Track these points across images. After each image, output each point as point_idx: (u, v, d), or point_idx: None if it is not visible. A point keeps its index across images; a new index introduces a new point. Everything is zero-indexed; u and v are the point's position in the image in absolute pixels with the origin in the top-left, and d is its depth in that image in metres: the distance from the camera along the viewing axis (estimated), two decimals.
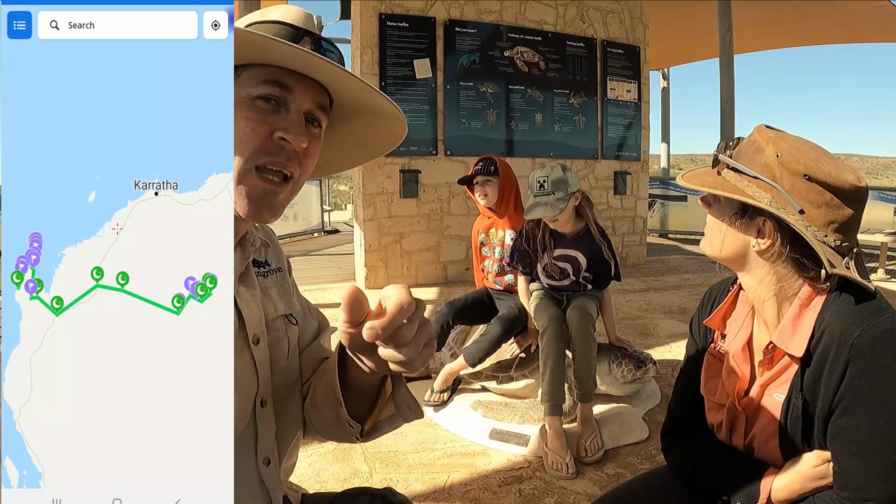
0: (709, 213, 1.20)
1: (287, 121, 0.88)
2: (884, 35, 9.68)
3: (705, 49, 10.11)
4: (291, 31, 0.90)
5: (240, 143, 0.86)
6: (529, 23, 6.67)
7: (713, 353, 1.31)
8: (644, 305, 5.31)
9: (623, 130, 7.40)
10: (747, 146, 1.15)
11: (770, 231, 1.11)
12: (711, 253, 1.21)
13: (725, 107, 7.54)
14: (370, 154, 1.12)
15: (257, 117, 0.87)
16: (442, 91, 6.23)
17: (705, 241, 1.23)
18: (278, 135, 0.87)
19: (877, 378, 1.00)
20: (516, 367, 3.09)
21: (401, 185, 6.11)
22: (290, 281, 1.16)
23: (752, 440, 1.20)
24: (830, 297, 1.08)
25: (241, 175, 0.87)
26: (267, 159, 0.88)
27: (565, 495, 2.30)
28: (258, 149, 0.87)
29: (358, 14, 5.91)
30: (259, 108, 0.87)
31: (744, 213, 1.13)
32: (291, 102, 0.89)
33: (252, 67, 0.88)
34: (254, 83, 0.88)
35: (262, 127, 0.87)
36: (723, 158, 1.16)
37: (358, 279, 6.31)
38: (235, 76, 0.88)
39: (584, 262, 2.87)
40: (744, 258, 1.15)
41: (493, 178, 3.25)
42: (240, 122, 0.86)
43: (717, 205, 1.18)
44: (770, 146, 1.10)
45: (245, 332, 0.97)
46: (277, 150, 0.88)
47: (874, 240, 7.00)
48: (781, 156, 1.08)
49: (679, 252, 8.72)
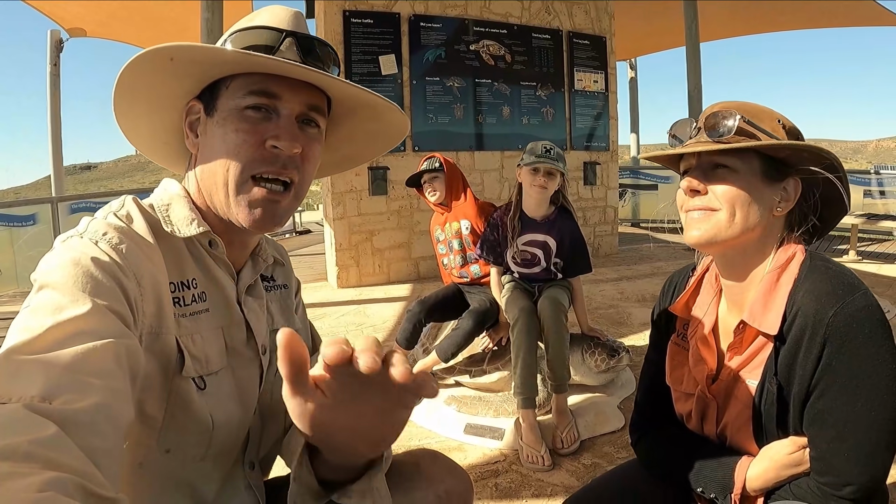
0: (720, 187, 1.07)
1: (278, 128, 0.89)
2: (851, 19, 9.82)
3: (672, 39, 10.19)
4: (274, 34, 0.92)
5: (233, 154, 0.89)
6: (494, 16, 6.65)
7: (676, 341, 1.28)
8: (617, 295, 5.32)
9: (591, 121, 7.42)
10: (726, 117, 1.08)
11: (794, 189, 1.09)
12: (727, 233, 1.07)
13: (693, 94, 7.59)
14: (385, 144, 1.13)
15: (248, 127, 0.89)
16: (408, 87, 6.19)
17: (713, 222, 1.08)
18: (270, 143, 0.89)
19: (855, 358, 0.96)
20: (489, 361, 3.06)
21: (370, 182, 6.06)
22: (294, 301, 1.19)
23: (725, 428, 1.17)
24: (801, 276, 1.05)
25: (239, 186, 0.90)
26: (262, 168, 0.89)
27: (542, 487, 2.27)
28: (252, 158, 0.88)
29: (322, 12, 5.84)
30: (249, 118, 0.89)
31: (776, 173, 1.08)
32: (282, 108, 0.90)
33: (238, 77, 0.90)
34: (240, 94, 0.90)
35: (253, 137, 0.88)
36: (739, 122, 1.05)
37: (329, 279, 6.26)
38: (223, 87, 0.91)
39: (554, 246, 2.86)
40: (758, 228, 1.08)
41: (440, 174, 3.31)
42: (230, 134, 0.89)
43: (734, 175, 1.07)
44: (765, 113, 1.10)
45: (254, 343, 1.00)
46: (272, 159, 0.89)
47: (845, 222, 7.05)
48: (782, 120, 1.10)
49: (651, 241, 8.77)
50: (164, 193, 0.97)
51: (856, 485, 0.97)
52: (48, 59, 8.27)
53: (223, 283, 0.96)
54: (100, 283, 0.74)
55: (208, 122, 0.92)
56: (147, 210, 0.92)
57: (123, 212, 0.89)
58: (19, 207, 7.05)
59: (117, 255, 0.79)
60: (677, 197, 1.16)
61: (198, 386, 0.88)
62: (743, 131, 1.07)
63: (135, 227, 0.87)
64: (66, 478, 0.48)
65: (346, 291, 5.87)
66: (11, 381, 0.58)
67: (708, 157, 1.09)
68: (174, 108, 0.97)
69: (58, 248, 0.79)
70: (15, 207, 7.02)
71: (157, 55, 0.83)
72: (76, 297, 0.70)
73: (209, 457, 0.92)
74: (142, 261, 0.82)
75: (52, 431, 0.53)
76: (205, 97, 0.93)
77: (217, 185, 0.91)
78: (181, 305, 0.89)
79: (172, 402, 0.86)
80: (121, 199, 0.92)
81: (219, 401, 0.91)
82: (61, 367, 0.61)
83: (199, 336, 0.90)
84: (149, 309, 0.82)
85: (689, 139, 1.14)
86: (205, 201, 0.95)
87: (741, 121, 1.06)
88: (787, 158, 1.08)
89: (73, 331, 0.66)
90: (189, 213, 0.93)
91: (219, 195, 0.91)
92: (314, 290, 5.94)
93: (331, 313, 4.99)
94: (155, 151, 1.07)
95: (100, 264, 0.76)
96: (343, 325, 4.59)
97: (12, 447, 0.49)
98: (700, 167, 1.11)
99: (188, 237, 0.92)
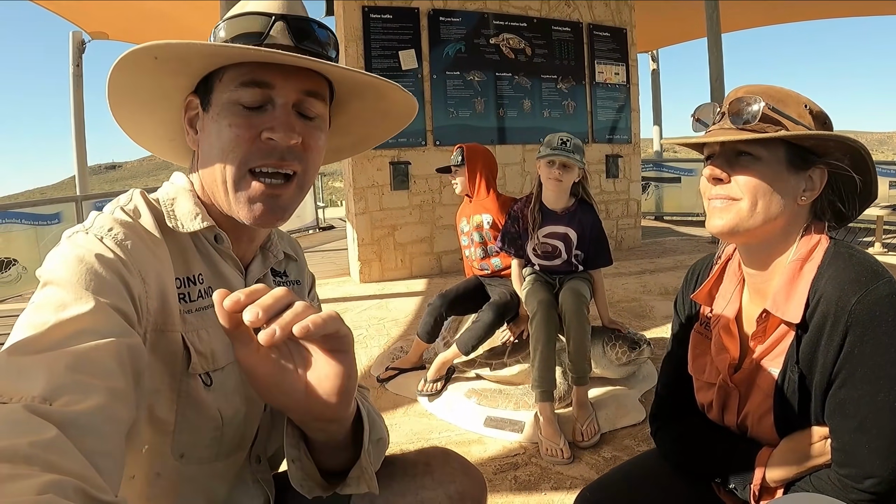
0: (743, 177, 1.06)
1: (273, 119, 0.86)
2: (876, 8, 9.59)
3: (694, 29, 10.04)
4: (264, 19, 0.88)
5: (229, 150, 0.86)
6: (514, 9, 6.60)
7: (699, 330, 1.26)
8: (640, 288, 5.27)
9: (613, 114, 7.35)
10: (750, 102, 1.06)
11: (820, 178, 1.07)
12: (749, 223, 1.06)
13: (715, 86, 7.47)
14: (397, 123, 1.10)
15: (241, 121, 0.86)
16: (428, 81, 6.17)
17: (734, 211, 1.07)
18: (266, 135, 0.86)
19: (878, 346, 0.94)
20: (509, 354, 3.06)
21: (391, 177, 6.06)
22: (308, 297, 1.17)
23: (746, 418, 1.15)
24: (824, 263, 1.03)
25: (237, 182, 0.87)
26: (259, 162, 0.86)
27: (562, 480, 2.27)
28: (248, 153, 0.86)
29: (341, 8, 5.84)
30: (242, 112, 0.86)
31: (801, 162, 1.06)
32: (276, 98, 0.87)
33: (230, 69, 0.87)
34: (232, 86, 0.87)
35: (248, 131, 0.86)
36: (764, 109, 1.04)
37: (352, 273, 6.28)
38: (217, 80, 0.88)
39: (574, 238, 2.85)
40: (781, 217, 1.06)
41: (461, 167, 3.37)
42: (224, 129, 0.86)
43: (758, 164, 1.05)
44: (791, 97, 1.08)
45: None
46: (268, 151, 0.86)
47: (870, 214, 6.89)
48: (809, 105, 1.07)
49: (674, 234, 8.68)
50: (171, 187, 0.95)
51: (877, 477, 0.95)
52: (70, 61, 8.38)
53: (230, 278, 0.95)
54: (103, 281, 0.73)
55: (205, 118, 0.91)
56: (154, 204, 0.91)
57: (131, 206, 0.88)
58: (44, 206, 7.15)
59: (122, 251, 0.78)
60: (700, 184, 1.15)
61: (204, 382, 0.88)
62: (768, 118, 1.05)
63: (142, 222, 0.86)
64: (65, 481, 0.48)
65: (369, 286, 5.88)
66: (13, 380, 0.58)
67: (731, 145, 1.07)
68: (173, 105, 0.96)
69: (63, 244, 0.79)
70: (40, 206, 7.11)
71: (139, 55, 0.81)
72: (79, 294, 0.70)
73: (221, 455, 0.92)
74: (147, 257, 0.82)
75: (52, 434, 0.53)
76: (200, 91, 0.92)
77: (216, 182, 0.89)
78: (187, 301, 0.88)
79: (183, 402, 0.86)
80: (129, 192, 0.92)
81: (225, 396, 0.91)
82: (63, 367, 0.61)
83: (206, 332, 0.89)
84: (153, 306, 0.81)
85: (712, 124, 1.13)
86: (209, 196, 0.94)
87: (766, 107, 1.04)
88: (813, 147, 1.06)
89: (76, 329, 0.66)
90: (193, 208, 0.92)
91: (219, 193, 0.90)
92: (337, 286, 5.98)
93: (353, 308, 5.01)
94: (162, 149, 1.07)
95: (104, 261, 0.75)
96: (365, 320, 4.61)
97: (12, 449, 0.49)
98: (723, 154, 1.09)
99: (194, 232, 0.91)
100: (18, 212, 6.79)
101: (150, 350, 0.80)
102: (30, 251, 6.64)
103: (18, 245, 6.63)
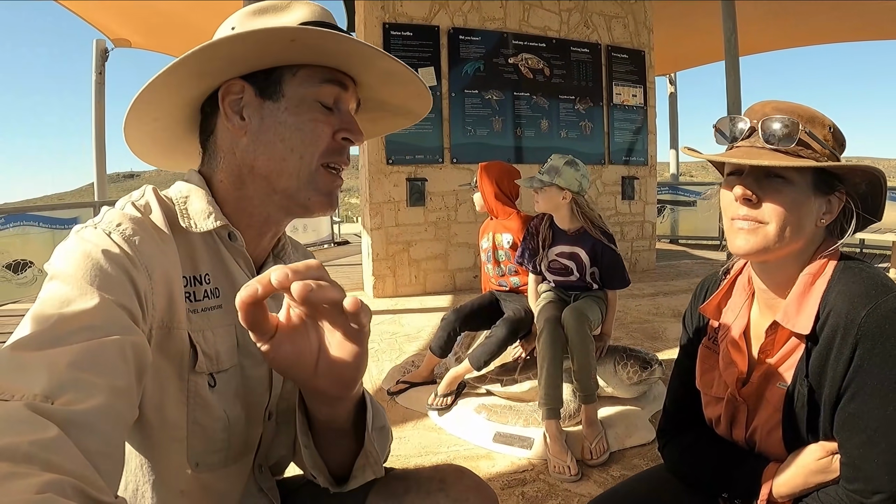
0: (773, 202, 1.04)
1: (348, 122, 0.94)
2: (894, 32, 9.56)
3: (712, 53, 10.05)
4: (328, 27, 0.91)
5: (309, 142, 0.91)
6: (533, 29, 6.66)
7: (707, 345, 1.26)
8: (653, 310, 5.25)
9: (630, 135, 7.35)
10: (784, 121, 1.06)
11: (838, 201, 1.08)
12: (775, 246, 1.05)
13: (732, 109, 7.48)
14: (414, 113, 1.20)
15: (323, 118, 0.92)
16: (447, 99, 6.22)
17: (761, 235, 1.05)
18: (342, 135, 0.92)
19: (887, 360, 0.94)
20: (520, 370, 3.05)
21: (408, 193, 6.10)
22: None
23: (754, 433, 1.15)
24: (834, 277, 1.03)
25: (313, 173, 0.92)
26: (332, 158, 0.93)
27: (569, 498, 2.25)
28: (326, 149, 0.92)
29: (362, 24, 5.93)
30: (322, 110, 0.92)
31: (825, 187, 1.06)
32: (342, 102, 0.94)
33: (302, 67, 0.92)
34: (315, 82, 0.92)
35: (327, 128, 0.92)
36: (799, 134, 1.04)
37: (366, 288, 6.30)
38: (291, 75, 0.91)
39: (586, 258, 2.85)
40: (802, 239, 1.06)
41: (477, 188, 3.41)
42: (307, 122, 0.91)
43: (788, 187, 1.04)
44: (817, 119, 1.08)
45: None
46: (340, 150, 0.94)
47: (886, 239, 6.84)
48: (832, 128, 1.08)
49: (689, 257, 8.64)
50: (184, 185, 0.95)
51: (886, 492, 0.94)
52: (93, 68, 8.50)
53: (239, 279, 0.94)
54: (109, 277, 0.73)
55: (270, 107, 0.91)
56: (166, 201, 0.91)
57: (142, 201, 0.88)
58: (61, 210, 7.28)
59: (129, 246, 0.78)
60: (722, 199, 1.12)
61: (208, 383, 0.88)
62: (801, 140, 1.04)
63: (152, 218, 0.86)
64: (65, 480, 0.48)
65: (382, 301, 5.90)
66: (15, 376, 0.58)
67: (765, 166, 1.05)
68: (185, 92, 0.94)
69: (72, 239, 0.79)
70: (58, 210, 7.24)
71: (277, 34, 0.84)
72: (84, 290, 0.70)
73: (230, 459, 0.92)
74: (154, 253, 0.81)
75: (53, 433, 0.52)
76: (257, 79, 0.91)
77: (286, 170, 0.90)
78: (192, 301, 0.88)
79: (192, 403, 0.86)
80: (142, 188, 0.92)
81: (227, 399, 0.91)
82: (65, 365, 0.60)
83: (210, 332, 0.89)
84: (160, 303, 0.81)
85: (741, 138, 1.11)
86: (230, 190, 0.94)
87: (803, 132, 1.04)
88: (838, 172, 1.06)
89: (79, 325, 0.66)
90: (206, 207, 0.91)
91: (285, 180, 0.91)
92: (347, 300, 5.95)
93: None
94: (154, 145, 1.05)
95: (110, 257, 0.75)
96: (377, 334, 4.62)
97: (13, 448, 0.48)
98: (753, 174, 1.06)
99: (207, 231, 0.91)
100: (36, 215, 6.91)
101: (156, 348, 0.80)
102: (46, 254, 6.65)
103: (35, 248, 6.75)
